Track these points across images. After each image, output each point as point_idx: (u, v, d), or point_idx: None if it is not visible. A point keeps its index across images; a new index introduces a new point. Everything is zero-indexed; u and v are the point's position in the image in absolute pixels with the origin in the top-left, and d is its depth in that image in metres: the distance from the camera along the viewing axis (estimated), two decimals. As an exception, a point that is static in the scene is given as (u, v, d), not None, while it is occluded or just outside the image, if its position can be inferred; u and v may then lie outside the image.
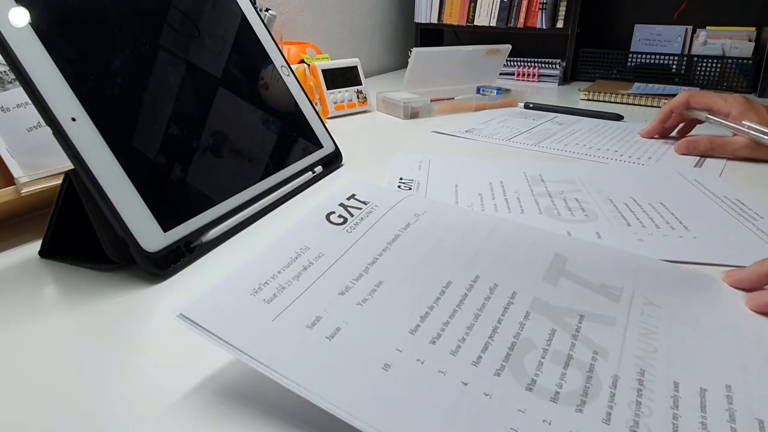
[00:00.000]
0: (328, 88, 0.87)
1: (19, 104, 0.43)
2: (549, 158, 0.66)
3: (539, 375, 0.26)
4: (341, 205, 0.39)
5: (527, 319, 0.30)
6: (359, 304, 0.30)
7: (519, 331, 0.29)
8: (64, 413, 0.25)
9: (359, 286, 0.31)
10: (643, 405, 0.25)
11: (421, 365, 0.26)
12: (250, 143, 0.48)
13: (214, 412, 0.25)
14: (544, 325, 0.30)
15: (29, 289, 0.35)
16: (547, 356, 0.27)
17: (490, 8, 1.36)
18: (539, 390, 0.25)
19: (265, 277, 0.31)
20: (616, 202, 0.51)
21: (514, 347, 0.28)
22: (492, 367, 0.26)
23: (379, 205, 0.39)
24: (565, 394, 0.25)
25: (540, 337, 0.29)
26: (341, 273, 0.32)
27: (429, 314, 0.30)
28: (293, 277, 0.31)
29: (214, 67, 0.47)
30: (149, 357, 0.28)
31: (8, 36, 0.32)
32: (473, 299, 0.31)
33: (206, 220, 0.41)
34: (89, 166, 0.34)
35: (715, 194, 0.53)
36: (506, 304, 0.31)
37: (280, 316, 0.28)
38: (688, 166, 0.63)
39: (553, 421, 0.23)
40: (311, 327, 0.28)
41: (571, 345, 0.28)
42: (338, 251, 0.34)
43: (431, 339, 0.28)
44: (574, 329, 0.30)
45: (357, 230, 0.36)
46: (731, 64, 1.23)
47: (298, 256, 0.33)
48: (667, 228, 0.45)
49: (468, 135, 0.77)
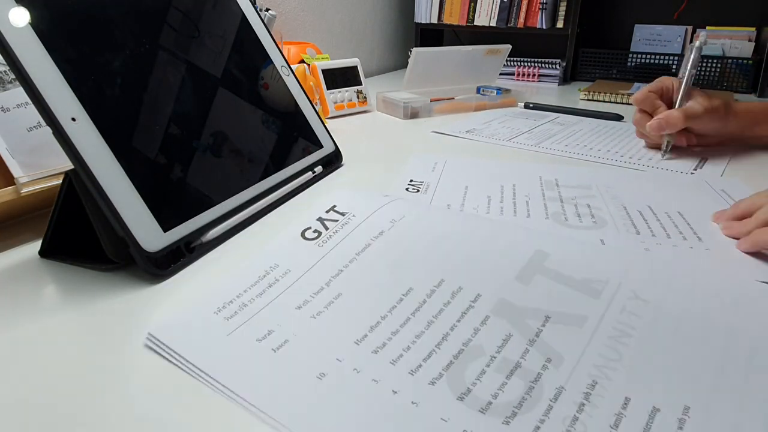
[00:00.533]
0: (328, 88, 0.87)
1: (19, 104, 0.43)
2: (564, 162, 0.65)
3: (476, 384, 0.26)
4: (318, 219, 0.40)
5: (484, 324, 0.30)
6: (312, 317, 0.31)
7: (471, 337, 0.29)
8: (64, 413, 0.25)
9: (318, 299, 0.32)
10: (579, 421, 0.24)
11: (356, 374, 0.26)
12: (250, 143, 0.48)
13: (214, 411, 0.25)
14: (501, 329, 0.29)
15: (29, 289, 0.35)
16: (493, 365, 0.27)
17: (490, 8, 1.36)
18: (471, 400, 0.25)
19: (231, 296, 0.32)
20: (630, 209, 0.49)
21: (459, 355, 0.28)
22: (429, 377, 0.26)
23: (356, 215, 0.40)
24: (499, 404, 0.25)
25: (492, 343, 0.28)
26: (303, 288, 0.33)
27: (380, 324, 0.30)
28: (257, 294, 0.33)
29: (214, 67, 0.47)
30: (149, 357, 0.28)
31: (8, 36, 0.32)
32: (431, 305, 0.31)
33: (206, 220, 0.41)
34: (89, 166, 0.34)
35: None
36: (466, 309, 0.31)
37: (236, 331, 0.29)
38: (689, 169, 0.61)
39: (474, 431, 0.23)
40: (261, 340, 0.29)
41: (523, 352, 0.28)
42: (305, 266, 0.35)
43: (374, 349, 0.28)
44: (533, 333, 0.29)
45: (329, 243, 0.37)
46: (731, 64, 1.23)
47: (266, 274, 0.35)
48: (678, 238, 0.43)
49: (468, 135, 0.76)
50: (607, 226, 0.45)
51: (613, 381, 0.26)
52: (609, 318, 0.30)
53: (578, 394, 0.25)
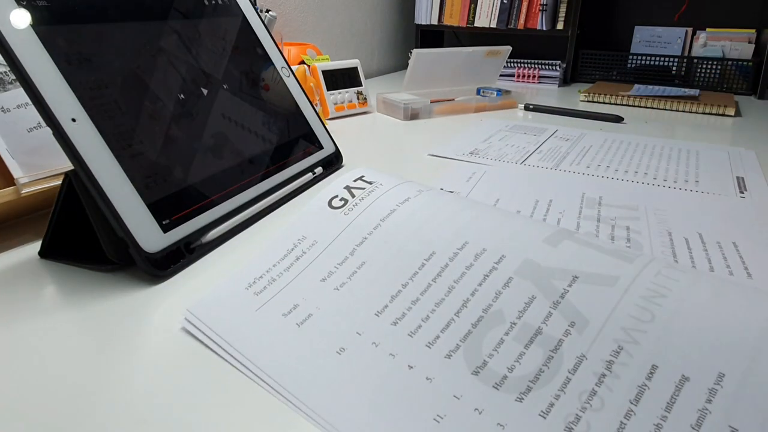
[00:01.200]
0: (328, 89, 0.87)
1: (20, 105, 0.43)
2: (603, 181, 0.58)
3: (493, 356, 0.25)
4: (346, 188, 0.39)
5: (506, 287, 0.28)
6: (336, 289, 0.31)
7: (492, 302, 0.28)
8: (64, 413, 0.25)
9: (342, 270, 0.32)
10: (597, 396, 0.22)
11: (375, 348, 0.26)
12: (251, 144, 0.48)
13: (214, 411, 0.25)
14: (524, 292, 0.28)
15: (29, 289, 0.35)
16: (512, 332, 0.26)
17: (491, 9, 1.37)
18: (486, 374, 0.24)
19: (261, 271, 0.33)
20: (675, 235, 0.44)
21: (478, 323, 0.27)
22: (445, 349, 0.26)
23: (383, 184, 0.39)
24: (514, 379, 0.24)
25: (513, 308, 0.27)
26: (329, 259, 0.33)
27: (401, 292, 0.30)
28: (285, 268, 0.33)
29: (214, 68, 0.47)
30: (149, 357, 0.28)
31: (9, 37, 0.32)
32: (453, 269, 0.30)
33: (206, 220, 0.41)
34: (89, 167, 0.34)
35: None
36: (488, 271, 0.29)
37: (263, 306, 0.30)
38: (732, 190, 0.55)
39: (485, 411, 0.23)
40: (286, 315, 0.29)
41: (546, 316, 0.26)
42: (331, 236, 0.35)
43: (394, 320, 0.28)
44: (558, 295, 0.27)
45: (354, 211, 0.36)
46: (731, 66, 1.23)
47: (294, 247, 0.34)
48: (724, 272, 0.38)
49: (472, 158, 0.66)
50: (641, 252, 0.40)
51: (640, 346, 0.24)
52: (643, 279, 0.27)
53: (600, 363, 0.24)
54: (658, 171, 0.62)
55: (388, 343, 0.27)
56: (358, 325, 0.28)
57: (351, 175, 0.40)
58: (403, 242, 0.33)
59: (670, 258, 0.41)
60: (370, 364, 0.26)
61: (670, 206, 0.51)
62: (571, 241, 0.31)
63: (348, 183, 0.39)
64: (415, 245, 0.33)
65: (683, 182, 0.58)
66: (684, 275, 0.27)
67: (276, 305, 0.30)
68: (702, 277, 0.27)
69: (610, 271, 0.28)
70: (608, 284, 0.27)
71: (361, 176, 0.40)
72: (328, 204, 0.38)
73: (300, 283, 0.32)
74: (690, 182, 0.58)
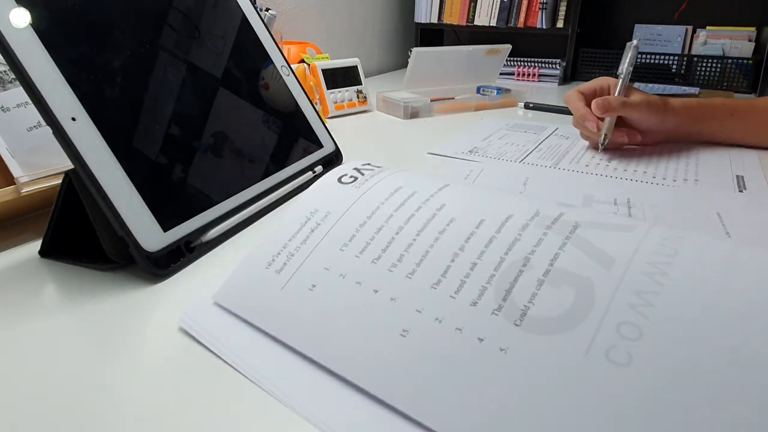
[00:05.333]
0: (328, 88, 0.87)
1: (19, 104, 0.43)
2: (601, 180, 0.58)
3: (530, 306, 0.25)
4: (355, 169, 0.39)
5: (536, 239, 0.28)
6: (356, 255, 0.31)
7: (528, 254, 0.27)
8: (64, 413, 0.25)
9: (358, 237, 0.32)
10: (635, 326, 0.22)
11: (374, 294, 0.27)
12: (251, 143, 0.48)
13: (214, 410, 0.25)
14: (533, 235, 0.28)
15: (29, 289, 0.35)
16: (547, 277, 0.26)
17: (490, 8, 1.36)
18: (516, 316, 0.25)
19: (277, 248, 0.32)
20: None
21: (516, 276, 0.26)
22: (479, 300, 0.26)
23: (390, 168, 0.39)
24: (548, 320, 0.24)
25: (544, 257, 0.27)
26: (344, 228, 0.33)
27: (429, 253, 0.30)
28: (301, 242, 0.33)
29: (214, 67, 0.47)
30: (149, 357, 0.28)
31: (9, 36, 0.32)
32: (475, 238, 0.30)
33: (206, 219, 0.41)
34: (89, 166, 0.34)
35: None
36: (497, 228, 0.29)
37: (288, 283, 0.30)
38: (731, 192, 0.55)
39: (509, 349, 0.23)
40: (312, 289, 0.29)
41: (577, 259, 0.26)
42: (345, 206, 0.35)
43: (408, 273, 0.29)
44: (567, 234, 0.27)
45: (366, 185, 0.36)
46: (731, 64, 1.23)
47: (307, 220, 0.34)
48: None
49: (471, 156, 0.66)
50: None
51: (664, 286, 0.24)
52: (655, 232, 0.27)
53: (632, 296, 0.24)
54: (657, 169, 0.62)
55: (394, 290, 0.27)
56: (393, 290, 0.28)
57: (358, 162, 0.40)
58: (419, 209, 0.33)
59: None
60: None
61: (669, 203, 0.51)
62: (583, 207, 0.31)
63: (356, 166, 0.39)
64: (432, 210, 0.32)
65: (682, 181, 0.58)
66: (694, 236, 0.28)
67: (300, 281, 0.30)
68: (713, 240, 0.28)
69: (628, 222, 0.28)
70: (628, 230, 0.28)
71: (368, 163, 0.40)
72: (338, 180, 0.37)
73: (320, 253, 0.31)
74: (689, 181, 0.58)
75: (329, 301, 0.28)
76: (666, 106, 0.65)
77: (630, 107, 0.64)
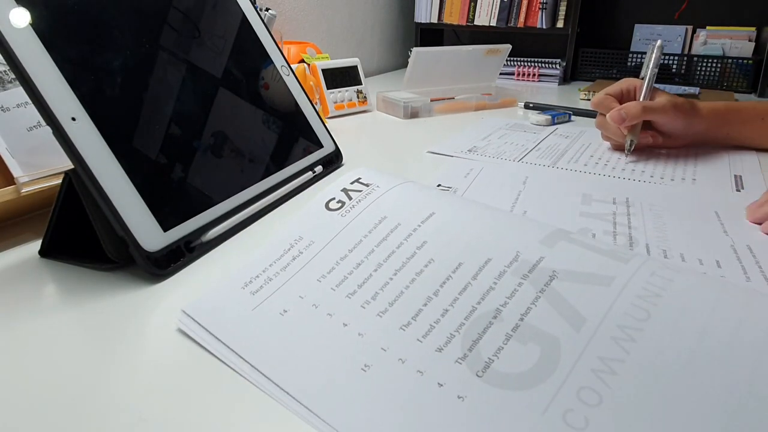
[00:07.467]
0: (328, 88, 0.87)
1: (19, 104, 0.43)
2: (597, 179, 0.58)
3: (494, 359, 0.25)
4: (343, 190, 0.39)
5: (502, 288, 0.29)
6: (332, 288, 0.31)
7: (500, 307, 0.28)
8: (64, 413, 0.25)
9: (338, 270, 0.32)
10: (595, 392, 0.23)
11: (383, 353, 0.27)
12: (251, 143, 0.48)
13: (212, 411, 0.25)
14: (527, 294, 0.28)
15: (29, 289, 0.35)
16: (515, 333, 0.26)
17: (490, 8, 1.36)
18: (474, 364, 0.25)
19: (257, 271, 0.33)
20: (672, 232, 0.44)
21: (485, 327, 0.27)
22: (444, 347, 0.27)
23: (380, 186, 0.39)
24: (512, 376, 0.24)
25: (515, 309, 0.27)
26: (325, 259, 0.33)
27: (388, 285, 0.31)
28: (281, 268, 0.33)
29: (214, 67, 0.47)
30: (149, 356, 0.28)
31: (9, 36, 0.32)
32: (454, 278, 0.30)
33: (206, 219, 0.41)
34: (89, 166, 0.34)
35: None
36: (492, 277, 0.30)
37: (260, 305, 0.30)
38: (729, 190, 0.55)
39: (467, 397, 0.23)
40: (283, 314, 0.30)
41: (546, 315, 0.26)
42: (328, 237, 0.35)
43: (379, 312, 0.29)
44: (556, 295, 0.27)
45: (351, 213, 0.37)
46: (731, 64, 1.23)
47: (291, 247, 0.35)
48: (714, 264, 0.38)
49: (470, 155, 0.66)
50: (637, 248, 0.41)
51: (637, 343, 0.24)
52: (639, 278, 0.27)
53: (597, 361, 0.24)
54: (655, 168, 0.62)
55: (395, 347, 0.27)
56: (362, 326, 0.28)
57: (348, 178, 0.40)
58: (396, 244, 0.34)
59: (666, 255, 0.41)
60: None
61: (667, 202, 0.51)
62: (566, 241, 0.31)
63: (345, 185, 0.39)
64: (407, 247, 0.33)
65: (680, 180, 0.58)
66: (678, 275, 0.28)
67: (272, 304, 0.30)
68: (697, 278, 0.28)
69: (607, 272, 0.28)
70: (605, 284, 0.28)
71: (358, 178, 0.40)
72: (325, 206, 0.38)
73: (297, 281, 0.32)
74: (687, 180, 0.58)
75: (298, 327, 0.29)
76: (693, 110, 0.64)
77: (653, 111, 0.62)
